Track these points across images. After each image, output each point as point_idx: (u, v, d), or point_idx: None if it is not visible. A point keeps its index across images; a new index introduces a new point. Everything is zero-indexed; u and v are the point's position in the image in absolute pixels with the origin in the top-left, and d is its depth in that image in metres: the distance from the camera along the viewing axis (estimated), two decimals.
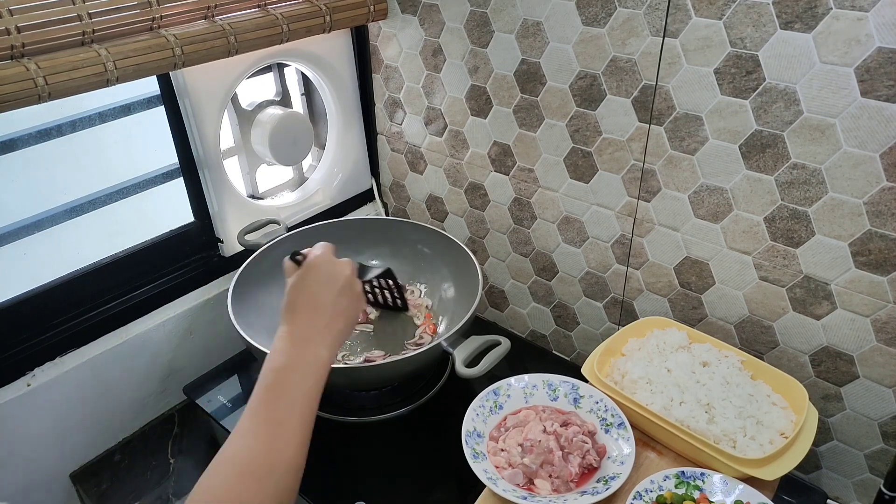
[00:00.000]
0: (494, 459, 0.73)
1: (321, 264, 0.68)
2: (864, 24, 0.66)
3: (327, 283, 0.67)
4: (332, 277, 0.67)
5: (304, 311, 0.65)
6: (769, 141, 0.77)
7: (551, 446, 0.72)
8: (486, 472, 0.70)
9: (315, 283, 0.66)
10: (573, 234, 1.03)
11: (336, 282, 0.67)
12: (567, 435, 0.74)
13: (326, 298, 0.66)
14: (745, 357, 0.85)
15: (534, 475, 0.72)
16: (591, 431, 0.76)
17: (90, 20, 0.75)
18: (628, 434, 0.75)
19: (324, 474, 0.86)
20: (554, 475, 0.71)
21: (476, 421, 0.77)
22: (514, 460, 0.72)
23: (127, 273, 0.99)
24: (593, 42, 0.87)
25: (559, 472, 0.71)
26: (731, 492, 0.71)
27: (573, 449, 0.73)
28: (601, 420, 0.78)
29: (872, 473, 0.86)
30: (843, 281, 0.78)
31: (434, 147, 1.17)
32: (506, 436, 0.75)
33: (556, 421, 0.76)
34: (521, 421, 0.77)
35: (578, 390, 0.81)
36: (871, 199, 0.73)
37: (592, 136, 0.93)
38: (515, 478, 0.71)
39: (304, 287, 0.66)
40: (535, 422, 0.76)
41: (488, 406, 0.79)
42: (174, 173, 1.03)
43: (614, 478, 0.71)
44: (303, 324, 0.64)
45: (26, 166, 0.89)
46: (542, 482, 0.71)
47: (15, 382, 0.87)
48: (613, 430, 0.77)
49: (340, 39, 1.14)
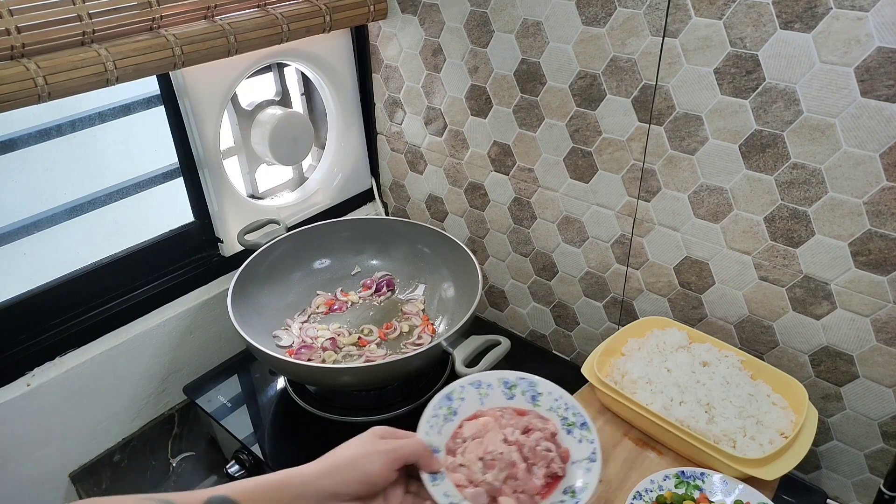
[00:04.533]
0: (454, 477, 0.65)
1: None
2: (863, 23, 0.66)
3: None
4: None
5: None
6: (769, 141, 0.77)
7: (514, 458, 0.66)
8: (447, 495, 0.62)
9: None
10: (573, 234, 1.03)
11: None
12: (530, 444, 0.68)
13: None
14: (744, 357, 0.85)
15: (498, 493, 0.65)
16: (552, 433, 0.70)
17: (90, 20, 0.75)
18: (592, 436, 0.69)
19: None
20: (518, 490, 0.66)
21: (431, 434, 0.68)
22: (475, 477, 0.65)
23: (127, 273, 0.99)
24: (593, 42, 0.87)
25: (524, 485, 0.66)
26: (731, 492, 0.71)
27: (537, 459, 0.68)
28: (562, 420, 0.72)
29: (872, 473, 0.86)
30: (843, 281, 0.78)
31: (434, 147, 1.17)
32: (464, 448, 0.68)
33: (517, 427, 0.70)
34: (480, 430, 0.71)
35: (536, 387, 0.74)
36: (871, 199, 0.73)
37: (592, 135, 0.93)
38: (479, 498, 0.64)
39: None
40: (494, 430, 0.69)
41: (442, 414, 0.71)
42: (174, 173, 1.03)
43: (583, 489, 0.65)
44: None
45: (26, 166, 0.89)
46: (507, 500, 0.65)
47: (15, 382, 0.87)
48: (576, 431, 0.70)
49: (340, 39, 1.14)
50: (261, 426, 0.94)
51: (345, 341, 1.00)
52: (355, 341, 1.00)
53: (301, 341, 1.00)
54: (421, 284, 1.11)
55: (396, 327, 1.03)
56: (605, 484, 0.76)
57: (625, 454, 0.80)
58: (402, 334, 1.03)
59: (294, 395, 0.97)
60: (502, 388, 0.75)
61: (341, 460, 0.57)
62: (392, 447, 0.59)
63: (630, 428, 0.83)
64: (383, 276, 1.12)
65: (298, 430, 0.93)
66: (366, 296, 1.10)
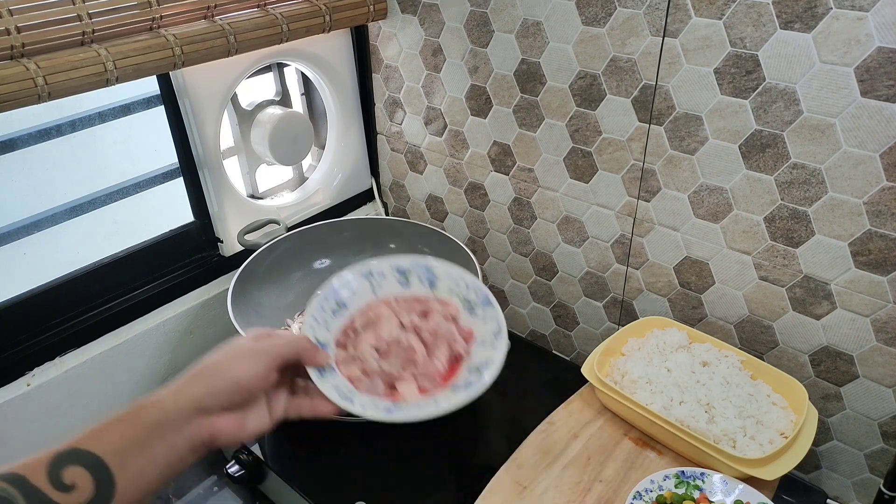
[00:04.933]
0: (347, 370, 0.60)
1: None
2: (863, 23, 0.66)
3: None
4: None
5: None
6: (769, 141, 0.77)
7: (412, 343, 0.61)
8: (337, 389, 0.56)
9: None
10: (573, 234, 1.03)
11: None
12: (428, 327, 0.62)
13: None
14: (744, 357, 0.85)
15: (396, 380, 0.60)
16: (454, 316, 0.65)
17: (90, 20, 0.75)
18: (495, 311, 0.64)
19: (324, 474, 0.86)
20: (419, 375, 0.60)
21: (317, 329, 0.61)
22: (370, 367, 0.60)
23: (127, 273, 0.99)
24: (593, 42, 0.87)
25: (424, 370, 0.60)
26: (731, 492, 0.71)
27: (437, 342, 0.62)
28: (464, 300, 0.66)
29: (872, 473, 0.86)
30: (843, 281, 0.78)
31: (434, 147, 1.17)
32: (356, 340, 0.62)
33: (414, 311, 0.64)
34: (373, 318, 0.63)
35: (433, 271, 0.68)
36: (871, 199, 0.73)
37: (592, 135, 0.93)
38: (375, 388, 0.59)
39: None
40: (388, 317, 0.63)
41: (329, 308, 0.63)
42: (174, 173, 1.03)
43: (487, 364, 0.60)
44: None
45: (26, 166, 0.89)
46: (407, 385, 0.59)
47: (15, 382, 0.87)
48: (479, 310, 0.65)
49: (340, 39, 1.14)
50: None
51: None
52: None
53: None
54: None
55: None
56: (605, 484, 0.76)
57: (625, 454, 0.80)
58: None
59: None
60: (396, 275, 0.68)
61: (204, 370, 0.50)
62: (264, 346, 0.52)
63: (630, 428, 0.83)
64: None
65: (298, 430, 0.93)
66: None
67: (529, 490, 0.75)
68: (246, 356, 0.51)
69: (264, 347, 0.52)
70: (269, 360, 0.51)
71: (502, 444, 0.87)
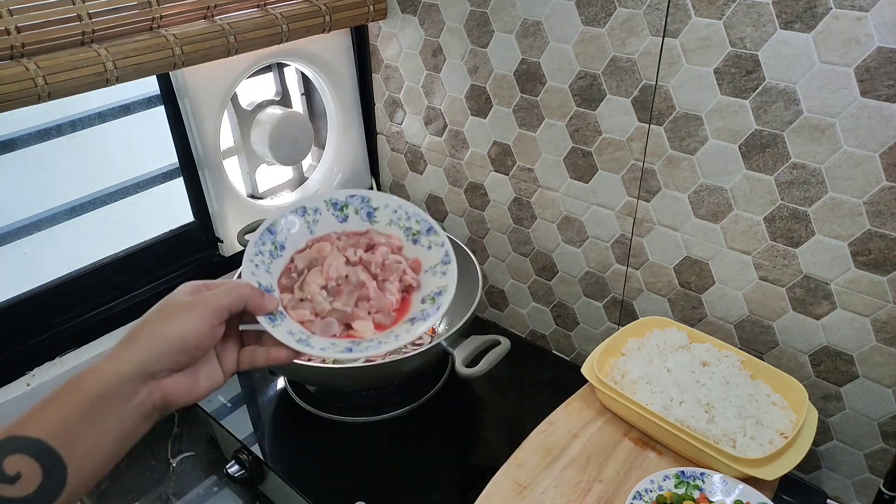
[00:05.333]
0: (297, 314, 0.57)
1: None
2: (863, 23, 0.66)
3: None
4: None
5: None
6: (769, 141, 0.77)
7: (362, 278, 0.59)
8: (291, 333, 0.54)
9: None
10: (573, 234, 1.03)
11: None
12: (376, 260, 0.61)
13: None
14: (744, 357, 0.85)
15: (351, 318, 0.58)
16: (398, 247, 0.64)
17: (90, 20, 0.75)
18: (441, 238, 0.63)
19: (324, 474, 0.86)
20: (373, 310, 0.59)
21: (258, 274, 0.58)
22: (321, 308, 0.58)
23: (127, 273, 0.99)
24: (593, 42, 0.87)
25: (378, 304, 0.59)
26: (731, 492, 0.71)
27: (387, 274, 0.60)
28: (406, 230, 0.65)
29: (872, 473, 0.86)
30: (843, 281, 0.78)
31: (434, 147, 1.17)
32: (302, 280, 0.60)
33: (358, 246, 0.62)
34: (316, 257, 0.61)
35: (370, 202, 0.66)
36: (871, 199, 0.73)
37: (592, 135, 0.93)
38: (329, 328, 0.57)
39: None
40: (333, 254, 0.61)
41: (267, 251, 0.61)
42: (174, 173, 1.03)
43: (440, 292, 0.59)
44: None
45: (26, 166, 0.89)
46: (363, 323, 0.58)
47: (15, 382, 0.87)
48: (423, 238, 0.64)
49: (340, 39, 1.14)
50: (261, 426, 0.94)
51: None
52: None
53: None
54: None
55: None
56: (605, 484, 0.76)
57: (625, 454, 0.80)
58: None
59: (294, 395, 0.97)
60: (332, 210, 0.65)
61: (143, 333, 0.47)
62: (205, 299, 0.48)
63: (630, 428, 0.83)
64: None
65: (298, 430, 0.93)
66: None
67: (529, 490, 0.75)
68: (187, 311, 0.47)
69: (205, 301, 0.48)
70: (213, 313, 0.48)
71: (502, 444, 0.87)
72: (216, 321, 0.48)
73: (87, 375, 0.45)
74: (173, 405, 0.48)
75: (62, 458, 0.42)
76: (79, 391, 0.44)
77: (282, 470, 0.85)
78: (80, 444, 0.43)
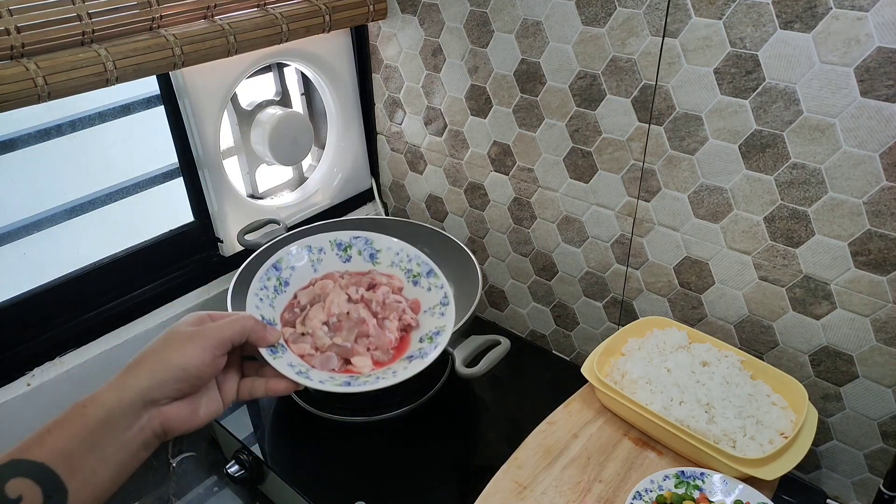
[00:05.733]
0: (298, 348, 0.59)
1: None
2: (863, 23, 0.66)
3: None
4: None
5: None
6: (769, 141, 0.77)
7: (363, 315, 0.61)
8: (291, 366, 0.56)
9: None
10: (573, 234, 1.03)
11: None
12: (377, 298, 0.63)
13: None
14: (744, 357, 0.85)
15: (350, 353, 0.60)
16: (399, 287, 0.66)
17: (90, 20, 0.75)
18: (441, 281, 0.66)
19: (324, 474, 0.86)
20: (372, 347, 0.61)
21: (262, 308, 0.61)
22: (322, 343, 0.60)
23: (127, 273, 0.99)
24: (593, 42, 0.87)
25: (377, 342, 0.61)
26: (731, 492, 0.71)
27: (387, 312, 0.63)
28: (407, 272, 0.67)
29: (872, 473, 0.86)
30: (843, 281, 0.78)
31: (434, 147, 1.17)
32: (304, 316, 0.62)
33: (360, 285, 0.65)
34: (318, 294, 0.64)
35: (373, 244, 0.69)
36: (871, 199, 0.73)
37: (592, 135, 0.93)
38: (329, 363, 0.59)
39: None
40: (335, 291, 0.63)
41: (272, 286, 0.63)
42: (174, 173, 1.03)
43: (439, 332, 0.62)
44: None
45: (26, 166, 0.89)
46: (361, 359, 0.60)
47: (15, 382, 0.87)
48: (423, 280, 0.66)
49: (340, 39, 1.14)
50: (261, 426, 0.94)
51: None
52: None
53: None
54: None
55: None
56: (605, 484, 0.76)
57: (625, 454, 0.80)
58: None
59: (294, 395, 0.97)
60: (336, 250, 0.68)
61: (146, 361, 0.48)
62: (208, 330, 0.50)
63: (630, 428, 0.83)
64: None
65: (298, 430, 0.93)
66: None
67: (529, 490, 0.75)
68: (189, 342, 0.48)
69: (208, 331, 0.50)
70: (216, 344, 0.49)
71: (502, 444, 0.87)
72: (218, 352, 0.50)
73: (89, 401, 0.46)
74: (173, 432, 0.49)
75: (64, 482, 0.43)
76: (82, 417, 0.45)
77: (282, 470, 0.85)
78: (81, 469, 0.44)
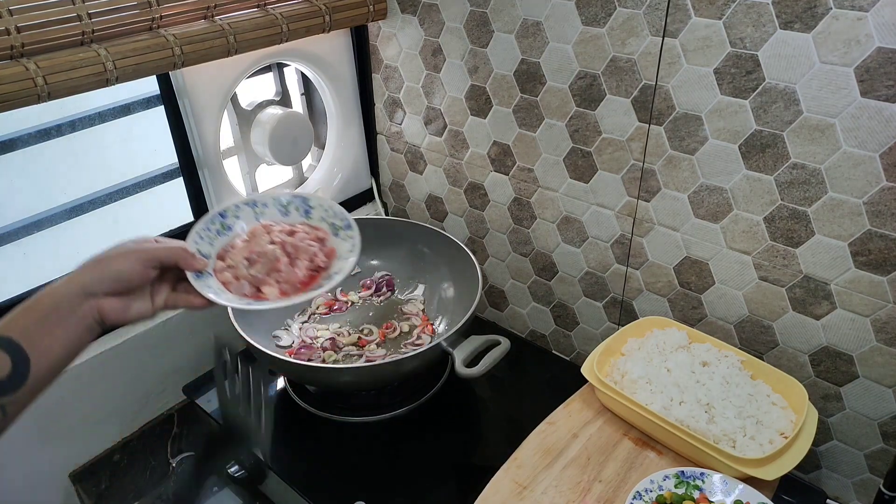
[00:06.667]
0: (222, 276, 0.71)
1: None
2: (863, 24, 0.66)
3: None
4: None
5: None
6: (769, 141, 0.77)
7: (277, 255, 0.71)
8: (210, 287, 0.67)
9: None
10: (573, 234, 1.03)
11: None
12: (293, 242, 0.73)
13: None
14: (744, 357, 0.85)
15: (261, 283, 0.71)
16: (321, 238, 0.76)
17: (90, 20, 0.75)
18: (353, 232, 0.76)
19: (324, 474, 0.86)
20: (282, 280, 0.71)
21: (200, 244, 0.72)
22: (240, 273, 0.71)
23: None
24: (593, 42, 0.87)
25: (287, 277, 0.71)
26: (731, 492, 0.71)
27: (300, 254, 0.73)
28: (331, 226, 0.78)
29: (872, 473, 0.86)
30: (843, 281, 0.78)
31: (434, 147, 1.17)
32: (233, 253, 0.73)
33: (284, 232, 0.75)
34: (249, 238, 0.75)
35: (308, 202, 0.79)
36: (871, 199, 0.73)
37: (592, 136, 0.93)
38: (242, 288, 0.70)
39: None
40: (262, 235, 0.74)
41: (214, 229, 0.75)
42: (174, 173, 1.03)
43: (338, 272, 0.72)
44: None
45: (26, 166, 0.89)
46: (270, 289, 0.70)
47: None
48: (342, 233, 0.77)
49: (340, 39, 1.14)
50: (261, 426, 0.93)
51: (345, 341, 1.00)
52: (355, 341, 1.00)
53: (301, 341, 1.00)
54: (421, 284, 1.11)
55: (396, 327, 1.04)
56: (605, 483, 0.76)
57: (625, 454, 0.80)
58: (401, 334, 1.03)
59: (294, 395, 0.97)
60: (277, 206, 0.79)
61: (93, 262, 0.61)
62: (145, 248, 0.62)
63: (630, 428, 0.83)
64: (383, 276, 1.12)
65: (298, 431, 0.93)
66: (366, 296, 1.10)
67: (529, 490, 0.75)
68: (127, 255, 0.61)
69: (144, 249, 0.62)
70: (147, 260, 0.61)
71: (502, 444, 0.87)
72: (148, 265, 0.62)
73: (46, 292, 0.58)
74: (108, 321, 0.60)
75: (27, 353, 0.53)
76: (39, 303, 0.57)
77: (282, 470, 0.85)
78: (38, 344, 0.55)
